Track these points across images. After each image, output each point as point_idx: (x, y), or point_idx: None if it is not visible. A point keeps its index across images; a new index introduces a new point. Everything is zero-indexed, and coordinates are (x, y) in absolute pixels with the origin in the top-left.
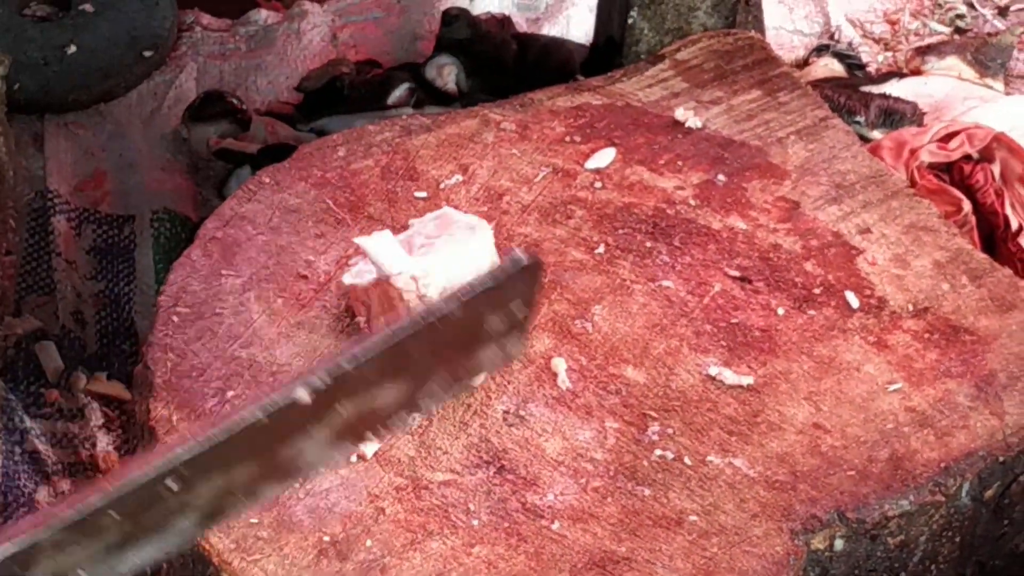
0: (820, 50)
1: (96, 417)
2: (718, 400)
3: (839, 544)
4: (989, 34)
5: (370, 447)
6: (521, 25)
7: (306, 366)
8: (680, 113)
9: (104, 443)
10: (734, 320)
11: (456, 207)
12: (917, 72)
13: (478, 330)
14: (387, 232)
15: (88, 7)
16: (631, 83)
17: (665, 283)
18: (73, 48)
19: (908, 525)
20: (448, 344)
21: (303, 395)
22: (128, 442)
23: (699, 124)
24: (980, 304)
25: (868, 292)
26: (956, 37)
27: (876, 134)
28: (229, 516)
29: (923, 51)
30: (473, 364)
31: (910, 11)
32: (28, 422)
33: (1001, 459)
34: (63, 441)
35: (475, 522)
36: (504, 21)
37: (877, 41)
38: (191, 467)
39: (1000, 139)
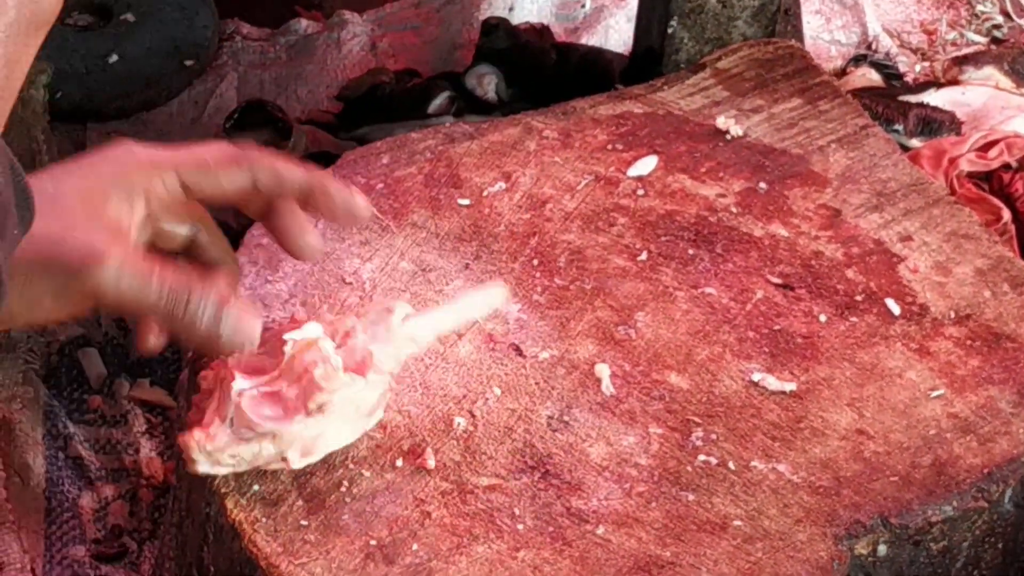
0: (858, 60)
1: (139, 423)
2: (761, 406)
3: (882, 550)
4: None
5: None
6: (560, 35)
7: None
8: (721, 121)
9: (147, 449)
10: (776, 327)
11: (500, 214)
12: (954, 82)
13: None
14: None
15: (130, 17)
16: (672, 92)
17: (708, 290)
18: (115, 57)
19: (951, 531)
20: None
21: None
22: (170, 448)
23: (740, 132)
24: (1022, 311)
25: (910, 299)
26: (993, 47)
27: (915, 143)
28: None
29: (960, 61)
30: None
31: (947, 21)
32: (71, 428)
33: None
34: (106, 447)
35: (520, 527)
36: (543, 31)
37: (914, 51)
38: None
39: None
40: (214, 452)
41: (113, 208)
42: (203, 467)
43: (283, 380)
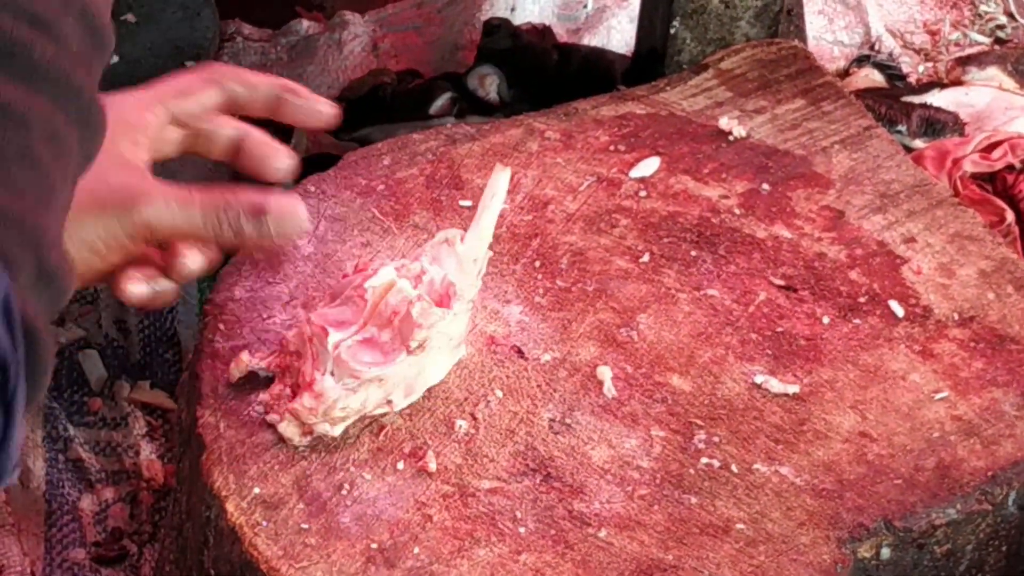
0: (860, 60)
1: (139, 426)
2: (764, 408)
3: (886, 553)
4: None
5: None
6: (562, 35)
7: None
8: (724, 122)
9: (147, 452)
10: (779, 329)
11: (502, 216)
12: (958, 82)
13: None
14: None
15: (130, 17)
16: (675, 92)
17: (710, 292)
18: (116, 58)
19: (955, 534)
20: None
21: None
22: (171, 451)
23: (743, 133)
24: None
25: (913, 301)
26: (996, 47)
27: (918, 144)
28: None
29: (963, 61)
30: None
31: (950, 22)
32: (71, 430)
33: None
34: (106, 449)
35: (522, 530)
36: (545, 31)
37: (917, 51)
38: None
39: None
40: (328, 410)
41: (127, 150)
42: (321, 427)
43: (373, 326)
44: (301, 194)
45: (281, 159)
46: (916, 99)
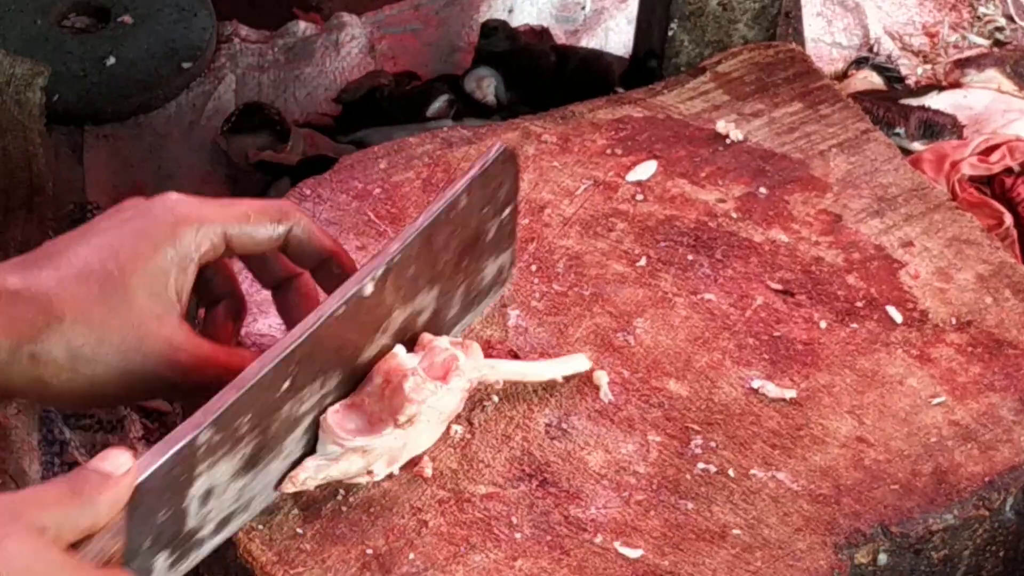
0: (859, 63)
1: (135, 428)
2: (761, 413)
3: (883, 558)
4: None
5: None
6: (560, 37)
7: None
8: (721, 126)
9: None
10: (776, 333)
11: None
12: (956, 85)
13: (480, 233)
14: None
15: (127, 19)
16: (672, 95)
17: (707, 296)
18: (112, 60)
19: (952, 540)
20: (461, 244)
21: (367, 288)
22: None
23: (740, 137)
24: (1023, 318)
25: (911, 305)
26: (995, 50)
27: (916, 146)
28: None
29: (962, 64)
30: (481, 277)
31: (949, 24)
32: (67, 433)
33: None
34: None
35: (518, 535)
36: (543, 33)
37: (916, 54)
38: (297, 363)
39: None
40: (307, 480)
41: (174, 284)
42: (292, 490)
43: (364, 393)
44: (297, 197)
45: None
46: (914, 101)
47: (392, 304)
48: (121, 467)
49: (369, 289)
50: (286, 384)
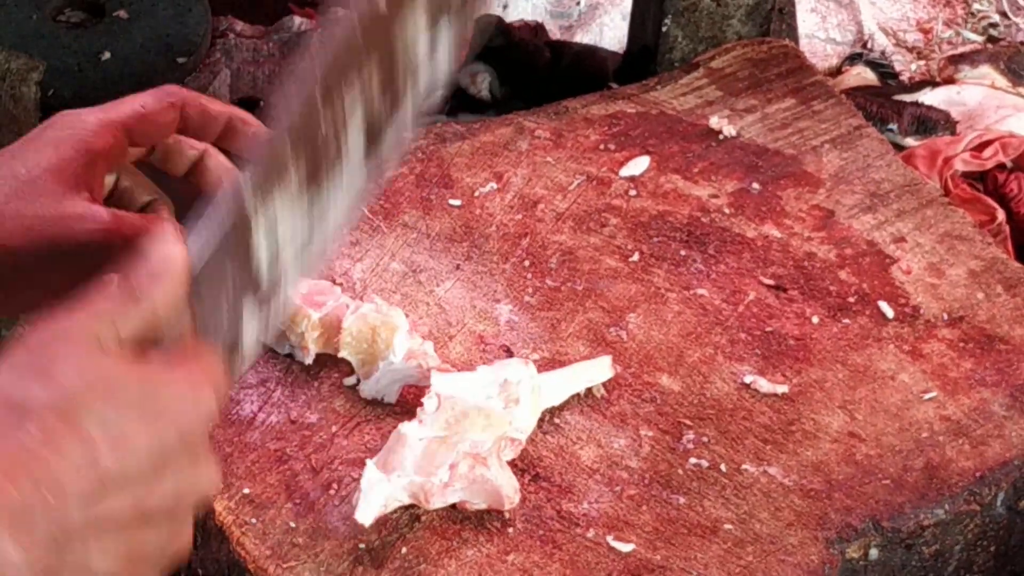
0: (853, 58)
1: None
2: (753, 408)
3: (874, 553)
4: (1022, 43)
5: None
6: (554, 33)
7: None
8: (715, 121)
9: None
10: (769, 328)
11: (491, 214)
12: (950, 81)
13: None
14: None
15: (122, 14)
16: (665, 91)
17: (700, 291)
18: (107, 54)
19: (943, 535)
20: None
21: None
22: None
23: (733, 132)
24: (1015, 313)
25: (903, 301)
26: (989, 46)
27: (910, 142)
28: (380, 139)
29: (956, 60)
30: None
31: (943, 20)
32: None
33: None
34: None
35: (510, 530)
36: (537, 28)
37: (910, 50)
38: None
39: None
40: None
41: (81, 181)
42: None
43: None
44: None
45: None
46: (908, 97)
47: None
48: (171, 258)
49: None
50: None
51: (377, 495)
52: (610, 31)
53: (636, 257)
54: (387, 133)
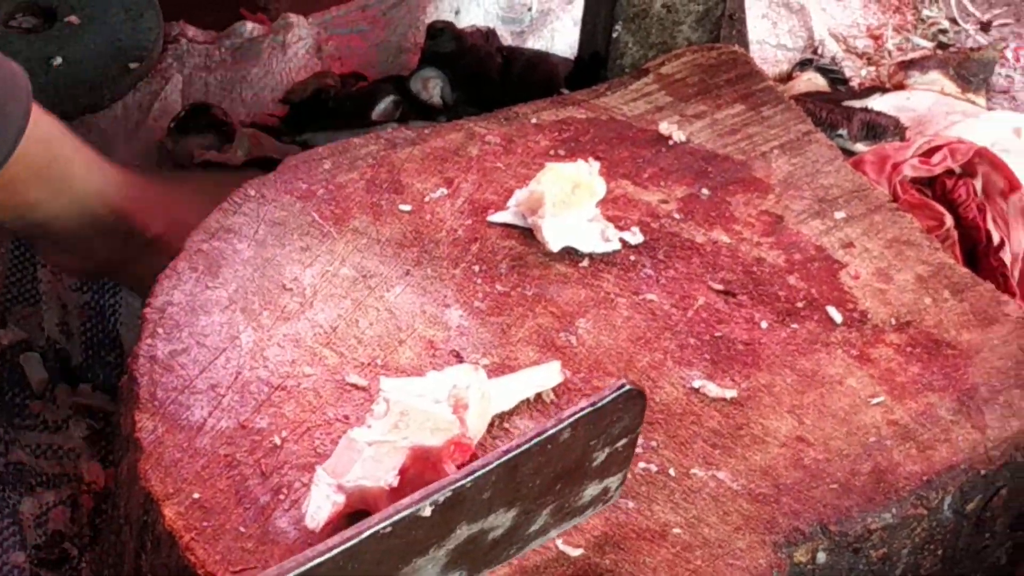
0: (803, 64)
1: (80, 429)
2: (702, 413)
3: (822, 557)
4: (972, 49)
5: None
6: (506, 38)
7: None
8: (664, 127)
9: (88, 455)
10: (718, 333)
11: (441, 220)
12: (900, 87)
13: (585, 460)
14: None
15: (74, 19)
16: (615, 97)
17: (649, 296)
18: (59, 60)
19: (890, 538)
20: (556, 473)
21: (426, 510)
22: (112, 454)
23: (683, 138)
24: (962, 318)
25: (851, 306)
26: (939, 52)
27: (859, 148)
28: None
29: (906, 66)
30: (578, 498)
31: (893, 26)
32: (12, 433)
33: (983, 472)
34: (47, 452)
35: None
36: (489, 34)
37: (860, 56)
38: None
39: (982, 154)
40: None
41: None
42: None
43: None
44: (241, 198)
45: None
46: (857, 103)
47: (456, 522)
48: None
49: (427, 512)
50: None
51: (326, 500)
52: (561, 37)
53: (586, 263)
54: None
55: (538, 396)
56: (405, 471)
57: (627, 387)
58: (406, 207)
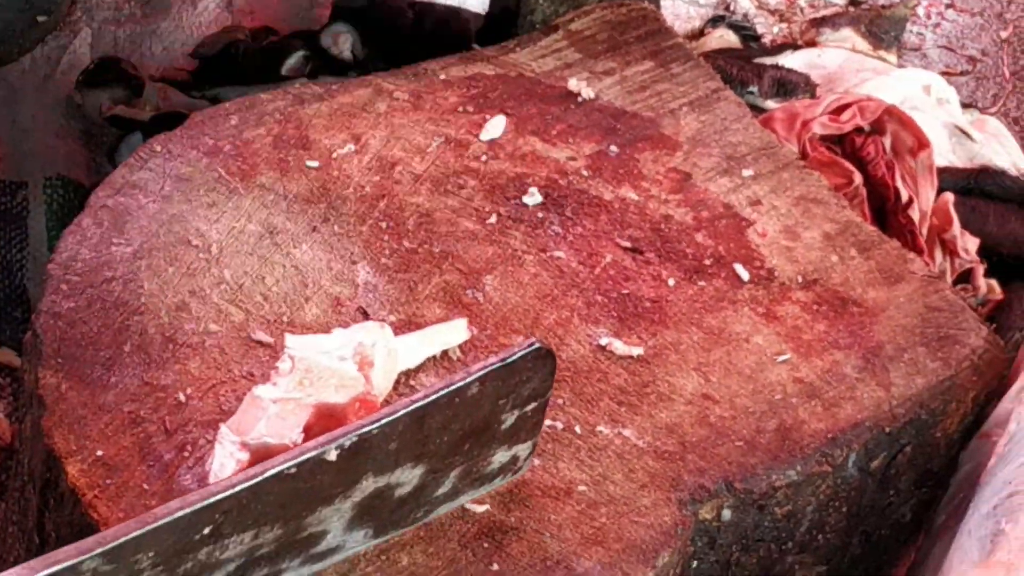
0: (715, 21)
1: None
2: (608, 371)
3: (727, 514)
4: (883, 6)
5: None
6: None
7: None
8: (573, 84)
9: None
10: (625, 291)
11: (349, 176)
12: (812, 44)
13: (493, 421)
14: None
15: None
16: (525, 53)
17: (557, 254)
18: None
19: (795, 495)
20: (463, 430)
21: (331, 454)
22: (19, 410)
23: (592, 95)
24: (868, 276)
25: (758, 263)
26: (851, 9)
27: (770, 104)
28: None
29: (818, 23)
30: (487, 463)
31: None
32: None
33: (887, 430)
34: None
35: None
36: None
37: (772, 12)
38: (224, 512)
39: (891, 112)
40: None
41: None
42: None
43: None
44: (147, 154)
45: None
46: (768, 60)
47: (362, 472)
48: None
49: (333, 456)
50: (207, 530)
51: (230, 458)
52: None
53: (493, 219)
54: None
55: (444, 353)
56: (310, 428)
57: (536, 345)
58: (313, 163)
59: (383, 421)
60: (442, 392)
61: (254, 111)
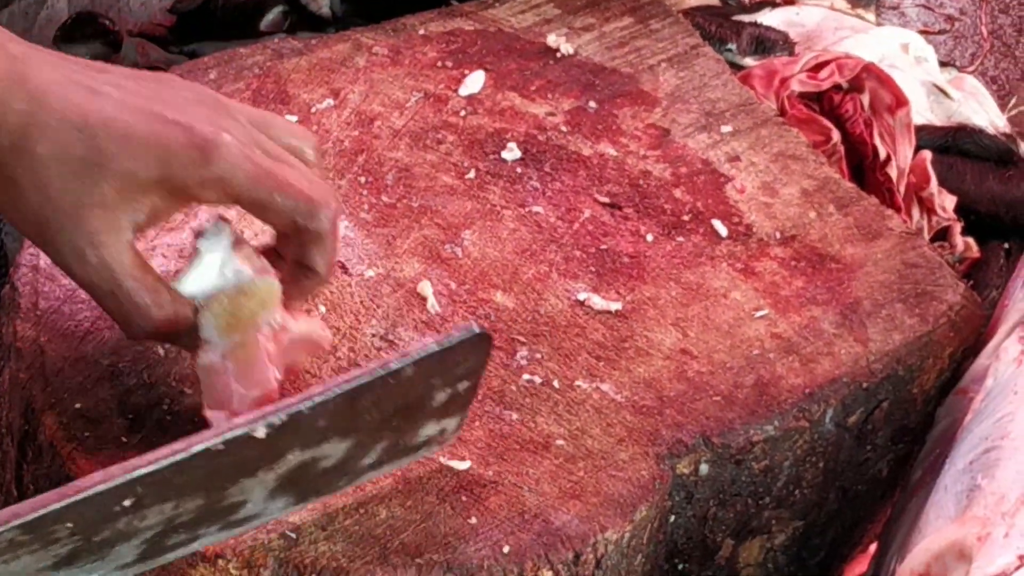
0: None
1: None
2: (586, 325)
3: (704, 469)
4: None
5: None
6: None
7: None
8: (552, 39)
9: None
10: (603, 246)
11: (328, 131)
12: (790, 1)
13: (425, 398)
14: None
15: None
16: (504, 9)
17: (535, 209)
18: None
19: (772, 450)
20: (395, 407)
21: (260, 431)
22: None
23: (571, 51)
24: (846, 232)
25: (736, 219)
26: None
27: (748, 62)
28: (165, 556)
29: None
30: (415, 436)
31: None
32: None
33: (864, 385)
34: None
35: None
36: None
37: None
38: (146, 485)
39: (870, 69)
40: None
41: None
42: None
43: None
44: None
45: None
46: (747, 18)
47: (288, 447)
48: None
49: (262, 433)
50: (127, 502)
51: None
52: None
53: (472, 175)
54: None
55: (423, 307)
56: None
57: (477, 331)
58: (292, 118)
59: (315, 400)
60: (378, 374)
61: (233, 65)
